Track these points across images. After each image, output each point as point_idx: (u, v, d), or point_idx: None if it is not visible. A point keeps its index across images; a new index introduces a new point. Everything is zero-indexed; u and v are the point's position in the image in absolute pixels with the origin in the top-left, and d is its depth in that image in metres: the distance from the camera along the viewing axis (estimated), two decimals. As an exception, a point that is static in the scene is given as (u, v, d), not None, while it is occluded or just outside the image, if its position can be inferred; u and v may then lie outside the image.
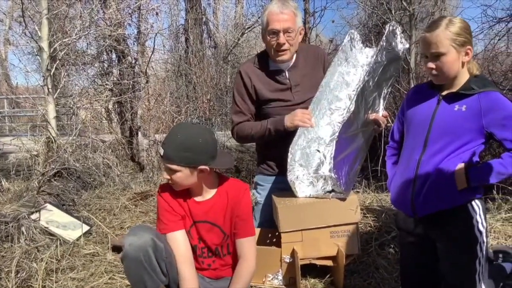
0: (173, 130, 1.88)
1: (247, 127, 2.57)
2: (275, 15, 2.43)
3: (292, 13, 2.45)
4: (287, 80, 2.57)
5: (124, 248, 1.80)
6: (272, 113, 2.55)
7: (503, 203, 3.41)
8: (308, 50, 2.70)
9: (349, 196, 2.39)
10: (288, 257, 2.38)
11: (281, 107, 2.53)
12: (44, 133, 4.85)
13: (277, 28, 2.43)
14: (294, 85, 2.57)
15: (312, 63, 2.64)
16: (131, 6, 6.61)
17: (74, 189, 4.34)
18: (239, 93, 2.62)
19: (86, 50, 6.50)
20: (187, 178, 1.87)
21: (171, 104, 6.72)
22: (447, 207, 1.81)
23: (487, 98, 1.75)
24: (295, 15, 2.47)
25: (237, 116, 2.62)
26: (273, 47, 2.48)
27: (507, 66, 5.09)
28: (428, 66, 1.80)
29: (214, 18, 10.10)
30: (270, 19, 2.45)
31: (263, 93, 2.56)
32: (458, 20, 1.78)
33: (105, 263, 2.81)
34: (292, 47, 2.50)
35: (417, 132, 1.90)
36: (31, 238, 3.00)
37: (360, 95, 2.34)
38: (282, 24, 2.42)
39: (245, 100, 2.61)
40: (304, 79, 2.58)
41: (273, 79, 2.58)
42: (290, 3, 2.48)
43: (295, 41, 2.51)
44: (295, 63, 2.60)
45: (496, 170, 1.73)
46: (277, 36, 2.44)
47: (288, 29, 2.44)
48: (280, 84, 2.57)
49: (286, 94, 2.57)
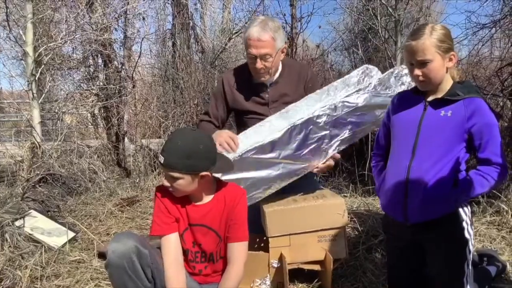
0: (172, 137, 1.85)
1: (205, 129, 2.64)
2: (253, 40, 2.44)
3: (271, 38, 2.44)
4: (266, 95, 2.62)
5: (108, 255, 1.78)
6: (248, 123, 2.57)
7: (488, 206, 3.46)
8: (293, 67, 2.71)
9: (336, 200, 2.40)
10: (276, 261, 2.37)
11: (257, 119, 2.54)
12: (29, 139, 4.78)
13: (254, 54, 2.45)
14: (271, 101, 2.62)
15: (294, 81, 2.66)
16: (118, 11, 6.58)
17: (59, 195, 4.29)
18: (215, 98, 2.73)
19: (72, 54, 6.44)
20: (188, 185, 1.85)
21: (158, 109, 6.67)
22: (440, 215, 1.83)
23: (472, 104, 1.79)
24: (274, 40, 2.46)
25: (205, 115, 2.77)
26: (252, 69, 2.54)
27: (491, 71, 5.16)
28: (415, 73, 1.83)
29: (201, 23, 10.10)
30: (248, 43, 2.47)
31: (243, 103, 2.63)
32: (440, 27, 1.81)
33: (90, 270, 2.78)
34: (272, 69, 2.53)
35: (404, 138, 1.92)
36: (15, 245, 2.95)
37: (298, 128, 2.30)
38: (259, 51, 2.44)
39: (218, 106, 2.71)
40: (282, 97, 2.62)
41: (254, 92, 2.63)
42: (269, 25, 2.45)
43: (274, 63, 2.52)
44: (276, 80, 2.64)
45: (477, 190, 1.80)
46: (254, 60, 2.47)
47: (265, 55, 2.45)
48: (259, 98, 2.63)
49: (263, 108, 2.61)
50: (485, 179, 1.79)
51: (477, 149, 1.81)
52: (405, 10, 5.04)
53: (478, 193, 1.82)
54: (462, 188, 1.80)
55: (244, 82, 2.64)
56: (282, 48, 2.55)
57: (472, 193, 1.80)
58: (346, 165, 5.22)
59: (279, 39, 2.50)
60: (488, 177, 1.78)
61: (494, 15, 4.77)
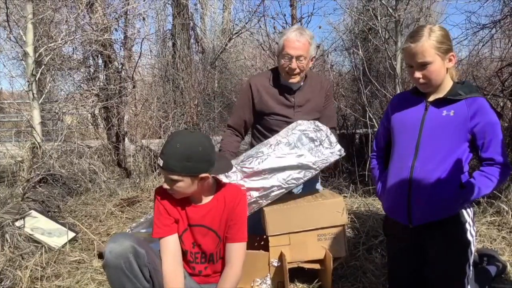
0: (171, 140, 1.85)
1: (225, 140, 2.85)
2: (291, 42, 2.63)
3: (307, 42, 2.65)
4: (292, 99, 2.78)
5: (105, 256, 1.79)
6: (273, 124, 2.77)
7: (488, 206, 3.46)
8: (316, 77, 2.95)
9: (335, 199, 2.40)
10: (276, 260, 2.37)
11: (281, 121, 2.74)
12: (29, 139, 4.79)
13: (291, 54, 2.63)
14: (297, 105, 2.78)
15: (317, 89, 2.85)
16: (118, 11, 6.58)
17: (59, 196, 4.29)
18: (241, 104, 2.88)
19: (72, 55, 6.44)
20: (188, 187, 1.85)
21: (158, 109, 6.67)
22: (444, 217, 1.83)
23: (474, 103, 1.79)
24: (309, 44, 2.67)
25: (232, 118, 2.92)
26: (285, 69, 2.69)
27: (491, 72, 5.17)
28: (415, 76, 1.83)
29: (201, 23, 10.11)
30: (286, 44, 2.65)
31: (270, 104, 2.77)
32: (437, 28, 1.81)
33: (91, 270, 2.78)
34: (302, 72, 2.71)
35: (407, 138, 1.92)
36: (15, 245, 2.95)
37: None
38: (296, 51, 2.62)
39: (244, 111, 2.85)
40: (306, 103, 2.80)
41: (282, 95, 2.79)
42: (306, 32, 2.67)
43: (306, 67, 2.71)
44: (302, 86, 2.81)
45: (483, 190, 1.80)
46: (290, 61, 2.64)
47: (300, 56, 2.63)
48: (286, 100, 2.78)
49: (289, 111, 2.78)
50: (489, 180, 1.78)
51: (480, 148, 1.80)
52: (405, 10, 5.04)
53: (483, 194, 1.81)
54: (469, 190, 1.79)
55: (271, 86, 2.81)
56: (312, 57, 2.75)
57: (478, 194, 1.79)
58: (346, 166, 5.23)
59: (312, 46, 2.72)
60: (492, 178, 1.78)
61: (494, 16, 4.79)
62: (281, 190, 2.31)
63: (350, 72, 8.06)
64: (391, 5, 5.18)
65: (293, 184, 2.32)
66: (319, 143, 2.37)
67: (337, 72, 8.30)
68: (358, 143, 6.23)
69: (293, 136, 2.39)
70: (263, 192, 2.30)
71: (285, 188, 2.32)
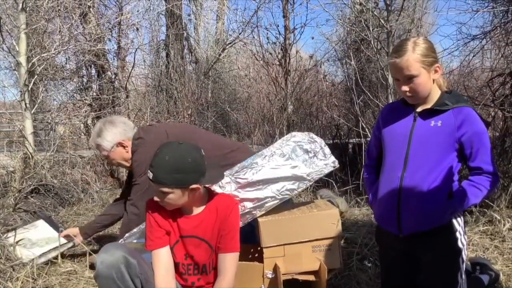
0: (159, 152, 1.83)
1: None
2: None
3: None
4: None
5: (97, 266, 1.78)
6: None
7: (480, 216, 3.47)
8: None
9: (330, 210, 2.40)
10: (270, 272, 2.36)
11: None
12: (21, 149, 4.76)
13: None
14: None
15: None
16: (111, 22, 6.60)
17: (51, 206, 4.26)
18: None
19: (65, 65, 6.45)
20: (179, 199, 1.85)
21: (152, 119, 6.66)
22: (433, 226, 1.84)
23: (461, 113, 1.80)
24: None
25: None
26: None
27: (482, 82, 5.22)
28: (402, 89, 1.84)
29: (195, 33, 10.13)
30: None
31: None
32: (422, 41, 1.81)
33: (82, 281, 2.75)
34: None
35: (396, 149, 1.93)
36: (6, 256, 2.92)
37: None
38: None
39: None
40: None
41: None
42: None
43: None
44: None
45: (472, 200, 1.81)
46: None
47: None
48: None
49: None
50: (478, 189, 1.79)
51: (468, 158, 1.82)
52: (397, 21, 5.10)
53: (472, 204, 1.83)
54: (457, 200, 1.80)
55: None
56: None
57: (466, 204, 1.81)
58: (339, 175, 5.24)
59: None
60: (481, 187, 1.79)
61: (484, 27, 4.83)
62: (275, 201, 2.31)
63: (343, 82, 8.12)
64: (383, 17, 5.24)
65: (287, 195, 2.33)
66: (313, 154, 2.37)
67: (330, 82, 8.36)
68: (351, 152, 6.26)
69: (287, 148, 2.39)
70: (257, 203, 2.30)
71: (279, 199, 2.32)
